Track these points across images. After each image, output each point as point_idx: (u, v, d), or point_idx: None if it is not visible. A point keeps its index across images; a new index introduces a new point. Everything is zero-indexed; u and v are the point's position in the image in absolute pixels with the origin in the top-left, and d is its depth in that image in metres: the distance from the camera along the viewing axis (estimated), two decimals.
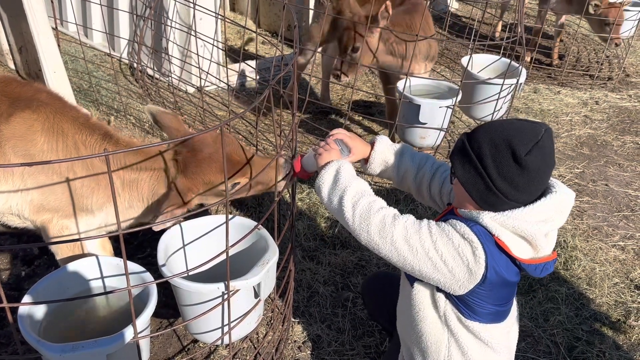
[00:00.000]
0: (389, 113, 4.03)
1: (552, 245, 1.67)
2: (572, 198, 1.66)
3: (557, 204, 1.61)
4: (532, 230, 1.58)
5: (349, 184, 1.72)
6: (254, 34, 5.44)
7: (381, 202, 1.72)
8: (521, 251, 1.62)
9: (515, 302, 1.90)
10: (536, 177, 1.57)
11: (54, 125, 2.09)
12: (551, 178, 1.68)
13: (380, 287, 2.32)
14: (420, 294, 1.77)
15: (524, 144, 1.54)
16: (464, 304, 1.70)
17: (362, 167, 2.07)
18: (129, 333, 1.61)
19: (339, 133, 1.94)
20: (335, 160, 1.83)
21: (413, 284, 1.79)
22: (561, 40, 6.89)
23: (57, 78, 3.94)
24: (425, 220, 1.67)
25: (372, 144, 2.00)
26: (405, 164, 2.00)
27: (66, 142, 2.09)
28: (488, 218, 1.59)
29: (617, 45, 5.75)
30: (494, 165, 1.57)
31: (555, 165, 4.18)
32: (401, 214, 1.69)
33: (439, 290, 1.73)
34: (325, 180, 1.77)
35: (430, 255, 1.60)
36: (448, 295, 1.72)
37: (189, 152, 2.08)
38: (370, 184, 3.63)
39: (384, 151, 1.99)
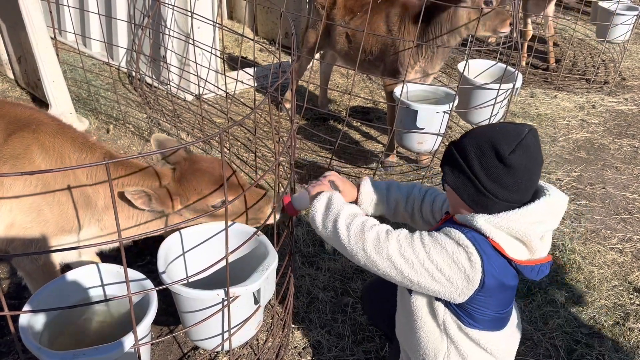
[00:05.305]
0: (390, 119, 4.05)
1: (547, 248, 1.70)
2: (565, 201, 1.70)
3: (551, 206, 1.65)
4: (527, 231, 1.60)
5: (341, 208, 1.80)
6: (252, 42, 5.47)
7: (373, 220, 1.77)
8: (516, 253, 1.65)
9: (516, 310, 1.91)
10: (523, 175, 1.61)
11: (54, 145, 2.08)
12: (545, 182, 1.72)
13: (380, 293, 2.33)
14: (418, 302, 1.79)
15: (507, 143, 1.59)
16: (464, 312, 1.72)
17: None
18: (129, 340, 1.61)
19: (331, 175, 2.03)
20: (327, 191, 1.91)
21: (411, 293, 1.80)
22: (557, 45, 6.93)
23: (56, 87, 3.96)
24: (417, 232, 1.71)
25: (358, 186, 2.08)
26: (394, 195, 2.09)
27: (64, 161, 2.07)
28: (482, 220, 1.62)
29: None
30: (481, 167, 1.62)
31: (553, 169, 4.23)
32: (394, 229, 1.73)
33: (437, 298, 1.75)
34: (318, 208, 1.84)
35: (426, 266, 1.62)
36: (447, 304, 1.74)
37: (187, 163, 2.17)
38: None
39: (370, 191, 2.07)
